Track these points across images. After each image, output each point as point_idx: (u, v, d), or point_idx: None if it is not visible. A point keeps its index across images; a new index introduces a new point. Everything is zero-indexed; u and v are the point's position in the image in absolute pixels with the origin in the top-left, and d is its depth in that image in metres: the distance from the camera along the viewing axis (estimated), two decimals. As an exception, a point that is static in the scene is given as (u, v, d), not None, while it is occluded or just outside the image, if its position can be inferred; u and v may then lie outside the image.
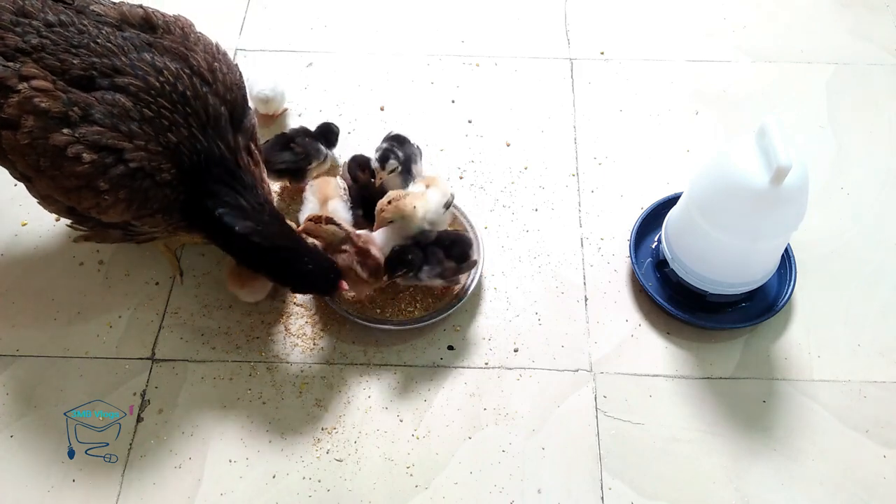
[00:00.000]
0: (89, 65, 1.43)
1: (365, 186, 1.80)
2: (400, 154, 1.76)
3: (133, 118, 1.43)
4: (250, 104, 1.67)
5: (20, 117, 1.39)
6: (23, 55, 1.43)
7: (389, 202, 1.62)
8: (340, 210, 1.72)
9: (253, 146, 1.62)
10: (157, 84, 1.45)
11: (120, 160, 1.42)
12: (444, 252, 1.68)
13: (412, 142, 1.85)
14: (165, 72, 1.46)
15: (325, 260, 1.61)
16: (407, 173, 1.78)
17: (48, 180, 1.45)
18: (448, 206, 1.71)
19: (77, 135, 1.39)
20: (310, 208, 1.74)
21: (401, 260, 1.63)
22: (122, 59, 1.45)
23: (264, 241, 1.53)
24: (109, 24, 1.50)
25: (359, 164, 1.82)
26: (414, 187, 1.73)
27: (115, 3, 1.57)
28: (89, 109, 1.40)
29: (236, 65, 1.62)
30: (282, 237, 1.57)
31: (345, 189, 1.78)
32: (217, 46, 1.60)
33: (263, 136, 2.00)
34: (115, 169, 1.42)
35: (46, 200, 1.56)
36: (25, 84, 1.39)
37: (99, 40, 1.46)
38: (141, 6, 1.57)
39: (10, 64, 1.41)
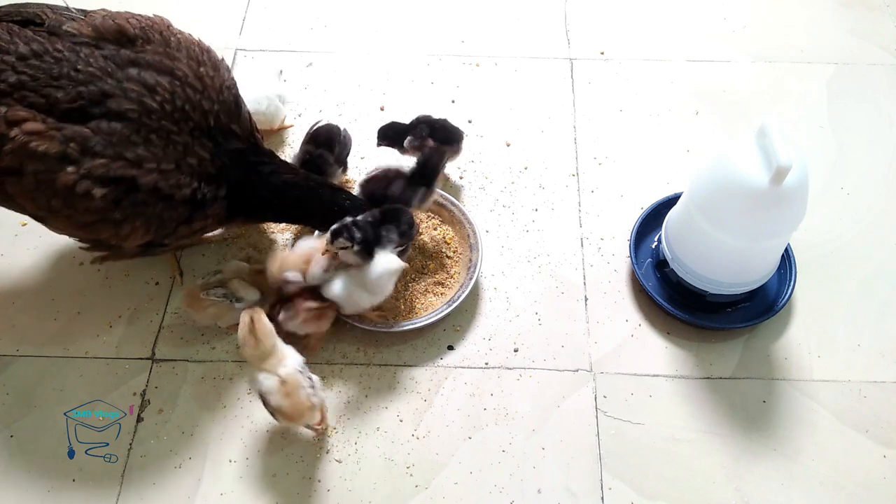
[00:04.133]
0: (76, 95, 1.36)
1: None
2: (357, 234, 1.54)
3: (136, 143, 1.39)
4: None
5: (20, 164, 1.34)
6: (3, 97, 1.34)
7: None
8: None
9: (254, 131, 1.62)
10: (156, 105, 1.41)
11: (132, 188, 1.39)
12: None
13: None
14: (159, 89, 1.42)
15: (354, 198, 1.64)
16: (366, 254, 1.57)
17: (64, 219, 1.43)
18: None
19: (83, 171, 1.35)
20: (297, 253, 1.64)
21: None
22: (109, 81, 1.39)
23: (309, 183, 1.61)
24: (86, 44, 1.42)
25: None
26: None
27: (84, 17, 1.47)
28: (87, 143, 1.35)
29: (222, 59, 1.59)
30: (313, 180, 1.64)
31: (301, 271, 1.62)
32: (199, 45, 1.55)
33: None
34: (128, 199, 1.39)
35: (65, 234, 1.55)
36: (17, 129, 1.32)
37: (79, 66, 1.38)
38: (112, 18, 1.47)
39: None
